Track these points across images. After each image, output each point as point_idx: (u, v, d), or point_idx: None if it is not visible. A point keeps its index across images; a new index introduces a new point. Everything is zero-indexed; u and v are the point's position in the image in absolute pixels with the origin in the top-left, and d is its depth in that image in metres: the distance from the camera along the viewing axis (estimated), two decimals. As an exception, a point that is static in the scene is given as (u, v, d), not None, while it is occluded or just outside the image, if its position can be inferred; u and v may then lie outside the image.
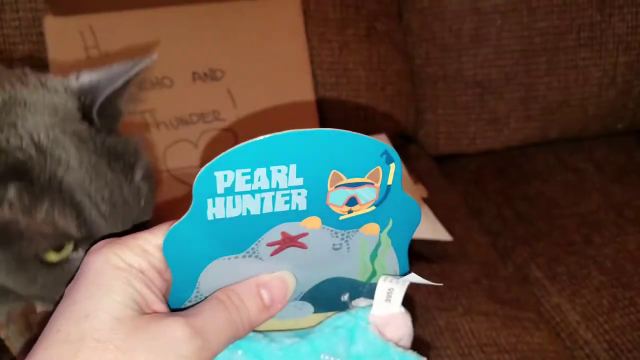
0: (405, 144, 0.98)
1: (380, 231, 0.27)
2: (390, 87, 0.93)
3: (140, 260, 0.25)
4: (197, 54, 0.75)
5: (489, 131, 0.99)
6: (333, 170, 0.25)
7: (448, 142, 1.00)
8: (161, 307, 0.26)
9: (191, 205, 0.24)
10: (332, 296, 0.30)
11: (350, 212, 0.26)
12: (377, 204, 0.26)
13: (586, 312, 0.66)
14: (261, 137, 0.23)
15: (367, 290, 0.30)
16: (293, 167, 0.24)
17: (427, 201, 0.74)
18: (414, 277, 0.28)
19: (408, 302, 0.51)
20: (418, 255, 0.72)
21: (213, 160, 0.23)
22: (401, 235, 0.28)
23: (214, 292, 0.26)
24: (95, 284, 0.25)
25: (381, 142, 0.25)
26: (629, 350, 0.60)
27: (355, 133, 0.24)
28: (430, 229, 0.60)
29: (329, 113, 0.87)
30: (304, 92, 0.80)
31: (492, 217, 0.86)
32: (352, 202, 0.26)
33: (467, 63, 0.96)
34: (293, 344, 0.28)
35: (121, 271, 0.25)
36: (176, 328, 0.24)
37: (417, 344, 0.30)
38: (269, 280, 0.27)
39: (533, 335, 0.60)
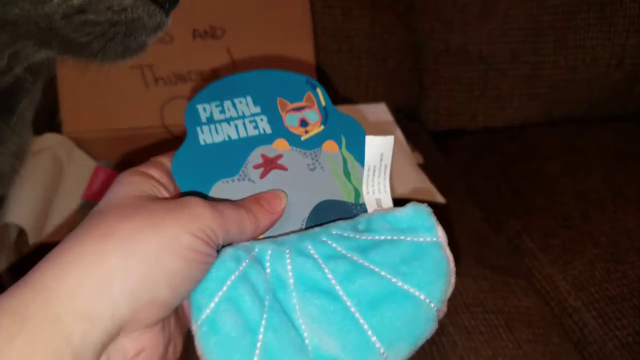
0: (405, 121, 0.97)
1: (340, 148, 0.33)
2: (392, 59, 0.92)
3: (154, 169, 0.29)
4: (198, 11, 0.75)
5: (491, 109, 0.98)
6: (278, 98, 0.33)
7: (449, 118, 0.99)
8: None
9: (186, 135, 0.31)
10: None
11: (306, 132, 0.33)
12: (324, 123, 0.34)
13: (577, 283, 0.65)
14: (220, 79, 0.33)
15: (361, 213, 0.33)
16: (249, 98, 0.33)
17: (423, 168, 0.73)
18: (374, 144, 0.32)
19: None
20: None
21: (193, 98, 0.32)
22: (359, 151, 0.33)
23: None
24: (109, 191, 0.28)
25: (301, 74, 0.34)
26: (618, 318, 0.59)
27: (282, 70, 0.34)
28: (423, 190, 0.59)
29: (328, 79, 0.86)
30: (304, 56, 0.79)
31: (489, 193, 0.85)
32: (304, 123, 0.33)
33: (472, 38, 0.95)
34: (306, 231, 0.31)
35: (135, 180, 0.28)
36: (197, 201, 0.27)
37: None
38: (263, 194, 0.31)
39: (521, 300, 0.59)
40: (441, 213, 0.73)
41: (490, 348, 0.51)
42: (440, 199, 0.60)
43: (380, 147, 0.31)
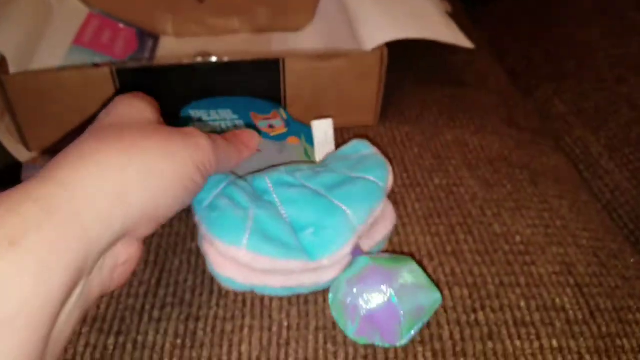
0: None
1: (300, 142, 0.43)
2: None
3: (152, 100, 0.33)
4: None
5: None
6: (251, 112, 0.45)
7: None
8: None
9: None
10: None
11: (274, 131, 0.43)
12: (286, 127, 0.44)
13: (610, 145, 0.60)
14: (209, 99, 0.45)
15: None
16: (229, 110, 0.44)
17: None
18: (318, 126, 0.40)
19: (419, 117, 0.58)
20: (431, 78, 0.66)
21: (187, 106, 0.44)
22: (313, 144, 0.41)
23: None
24: (117, 108, 0.30)
25: (269, 100, 0.48)
26: (654, 179, 0.55)
27: (258, 98, 0.47)
28: (451, 34, 0.53)
29: None
30: None
31: (518, 58, 0.79)
32: (271, 126, 0.43)
33: None
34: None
35: (142, 105, 0.31)
36: (199, 133, 0.31)
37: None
38: (242, 131, 0.39)
39: (549, 158, 0.55)
40: (465, 74, 0.68)
41: (513, 200, 0.47)
42: (468, 44, 0.54)
43: (324, 127, 0.40)
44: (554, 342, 0.36)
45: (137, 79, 0.47)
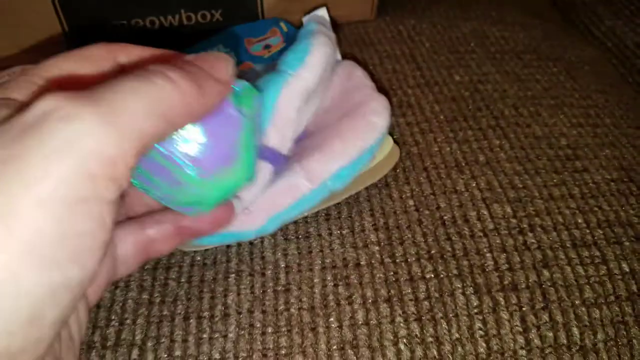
0: None
1: None
2: None
3: None
4: None
5: None
6: (245, 38, 0.41)
7: None
8: None
9: None
10: None
11: (269, 52, 0.39)
12: (286, 41, 0.40)
13: (650, 32, 0.51)
14: (199, 43, 0.40)
15: None
16: (220, 45, 0.40)
17: None
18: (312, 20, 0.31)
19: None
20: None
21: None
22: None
23: None
24: None
25: (267, 19, 0.43)
26: None
27: (250, 22, 0.42)
28: None
29: None
30: None
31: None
32: (267, 47, 0.40)
33: None
34: None
35: None
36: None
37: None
38: (198, 59, 0.18)
39: (583, 50, 0.46)
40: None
41: (552, 97, 0.38)
42: None
43: (317, 20, 0.31)
44: (624, 266, 0.28)
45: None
